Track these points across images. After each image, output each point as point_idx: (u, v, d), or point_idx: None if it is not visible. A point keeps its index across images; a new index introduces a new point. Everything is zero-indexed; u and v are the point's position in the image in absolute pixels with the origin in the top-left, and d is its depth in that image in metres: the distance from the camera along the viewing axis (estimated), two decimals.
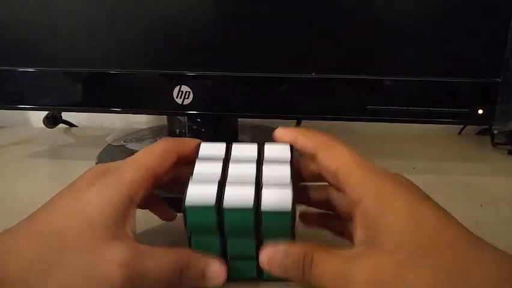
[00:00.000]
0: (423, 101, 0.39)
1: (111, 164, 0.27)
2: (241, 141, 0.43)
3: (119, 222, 0.24)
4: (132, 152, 0.46)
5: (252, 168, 0.27)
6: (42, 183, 0.45)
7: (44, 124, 0.60)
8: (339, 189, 0.26)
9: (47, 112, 0.60)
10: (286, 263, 0.24)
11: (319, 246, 0.24)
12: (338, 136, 0.28)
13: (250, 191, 0.25)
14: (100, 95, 0.42)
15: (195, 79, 0.40)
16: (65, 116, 0.65)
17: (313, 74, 0.39)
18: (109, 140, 0.56)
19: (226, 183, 0.25)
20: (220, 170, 0.27)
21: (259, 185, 0.25)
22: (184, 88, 0.40)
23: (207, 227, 0.25)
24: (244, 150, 0.29)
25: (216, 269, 0.25)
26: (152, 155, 0.27)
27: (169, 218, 0.32)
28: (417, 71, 0.38)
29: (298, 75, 0.39)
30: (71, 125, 0.66)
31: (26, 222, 0.24)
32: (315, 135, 0.28)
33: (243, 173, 0.26)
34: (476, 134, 0.62)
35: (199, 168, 0.27)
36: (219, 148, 0.29)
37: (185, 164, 0.28)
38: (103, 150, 0.49)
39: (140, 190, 0.25)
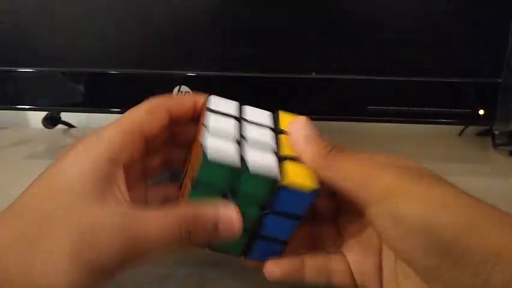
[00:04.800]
0: (423, 101, 0.39)
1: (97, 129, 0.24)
2: None
3: (101, 186, 0.21)
4: None
5: (269, 136, 0.25)
6: None
7: (43, 125, 0.60)
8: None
9: (46, 113, 0.60)
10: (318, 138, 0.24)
11: None
12: (338, 136, 0.28)
13: (273, 160, 0.23)
14: (99, 96, 0.42)
15: (194, 79, 0.40)
16: (64, 116, 0.64)
17: (314, 74, 0.39)
18: None
19: (247, 146, 0.24)
20: (237, 129, 0.25)
21: (279, 157, 0.24)
22: (184, 88, 0.40)
23: (217, 185, 0.23)
24: (258, 115, 0.27)
25: (229, 218, 0.22)
26: (137, 112, 0.25)
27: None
28: (418, 71, 0.38)
29: (298, 75, 0.39)
30: (70, 125, 0.66)
31: (5, 210, 0.22)
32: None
33: (261, 139, 0.25)
34: (477, 134, 0.62)
35: (214, 121, 0.24)
36: (231, 106, 0.27)
37: (183, 124, 0.26)
38: None
39: (123, 149, 0.23)
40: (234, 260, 0.30)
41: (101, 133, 0.23)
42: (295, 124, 0.24)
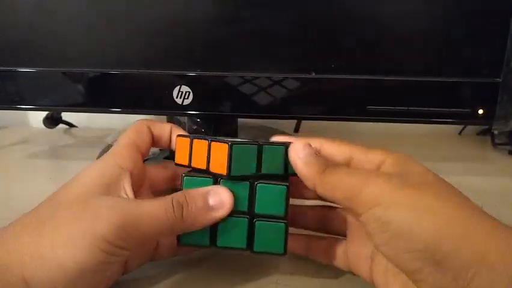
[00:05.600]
0: (423, 101, 0.39)
1: None
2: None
3: (109, 185, 0.25)
4: None
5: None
6: (42, 183, 0.45)
7: (44, 124, 0.60)
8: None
9: (47, 112, 0.60)
10: (313, 159, 0.25)
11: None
12: (338, 136, 0.28)
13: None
14: (99, 96, 0.42)
15: (194, 79, 0.40)
16: (65, 116, 0.65)
17: (313, 74, 0.39)
18: (108, 140, 0.56)
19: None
20: None
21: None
22: (184, 88, 0.40)
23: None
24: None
25: (220, 195, 0.25)
26: (130, 131, 0.30)
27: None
28: (418, 71, 0.38)
29: (298, 75, 0.39)
30: (70, 125, 0.66)
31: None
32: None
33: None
34: (477, 134, 0.62)
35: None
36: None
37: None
38: (102, 150, 0.49)
39: (127, 158, 0.27)
40: (234, 258, 0.31)
41: (109, 150, 0.28)
42: (293, 147, 0.26)
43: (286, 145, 0.26)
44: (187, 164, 0.28)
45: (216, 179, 0.26)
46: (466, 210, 0.21)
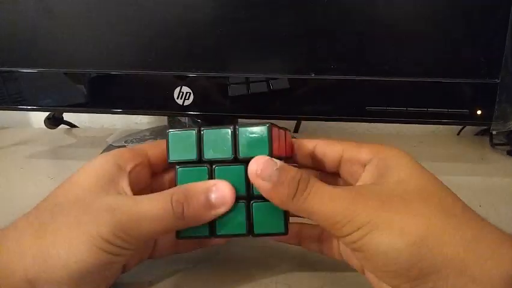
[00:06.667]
0: (422, 101, 0.39)
1: None
2: None
3: (107, 184, 0.24)
4: None
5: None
6: (43, 183, 0.45)
7: (45, 125, 0.61)
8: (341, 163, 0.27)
9: (48, 113, 0.60)
10: (279, 178, 0.22)
11: (315, 177, 0.23)
12: (338, 136, 0.28)
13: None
14: (101, 96, 0.43)
15: (195, 80, 0.40)
16: (66, 116, 0.65)
17: (313, 75, 0.39)
18: (109, 140, 0.56)
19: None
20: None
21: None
22: (185, 89, 0.40)
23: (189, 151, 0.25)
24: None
25: (222, 191, 0.24)
26: (147, 143, 0.29)
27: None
28: (417, 72, 0.39)
29: (298, 76, 0.39)
30: (72, 125, 0.67)
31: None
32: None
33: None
34: (475, 134, 0.63)
35: None
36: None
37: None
38: (103, 150, 0.50)
39: (129, 159, 0.26)
40: (234, 258, 0.31)
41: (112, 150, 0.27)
42: (251, 167, 0.23)
43: (268, 125, 0.25)
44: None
45: (211, 166, 0.25)
46: (443, 220, 0.21)
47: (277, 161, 0.23)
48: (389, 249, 0.21)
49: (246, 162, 0.24)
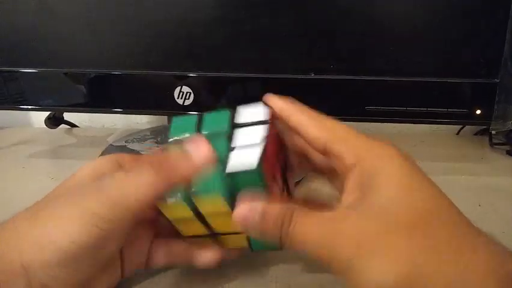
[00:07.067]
0: (421, 101, 0.39)
1: None
2: None
3: (104, 174, 0.25)
4: (133, 152, 0.47)
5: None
6: (44, 183, 0.45)
7: (46, 125, 0.61)
8: (329, 160, 0.26)
9: (49, 113, 0.60)
10: (263, 224, 0.23)
11: (299, 207, 0.23)
12: None
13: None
14: (101, 96, 0.43)
15: (195, 80, 0.40)
16: (67, 116, 0.65)
17: (313, 74, 0.39)
18: (110, 140, 0.56)
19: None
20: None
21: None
22: (185, 89, 0.40)
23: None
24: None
25: (195, 141, 0.25)
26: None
27: None
28: (416, 72, 0.39)
29: (297, 76, 0.39)
30: (72, 125, 0.67)
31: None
32: (305, 109, 0.29)
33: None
34: (475, 134, 0.63)
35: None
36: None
37: None
38: (104, 150, 0.50)
39: (129, 159, 0.28)
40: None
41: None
42: (237, 216, 0.23)
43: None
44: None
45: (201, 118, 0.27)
46: (427, 259, 0.20)
47: (259, 206, 0.23)
48: (374, 284, 0.20)
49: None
